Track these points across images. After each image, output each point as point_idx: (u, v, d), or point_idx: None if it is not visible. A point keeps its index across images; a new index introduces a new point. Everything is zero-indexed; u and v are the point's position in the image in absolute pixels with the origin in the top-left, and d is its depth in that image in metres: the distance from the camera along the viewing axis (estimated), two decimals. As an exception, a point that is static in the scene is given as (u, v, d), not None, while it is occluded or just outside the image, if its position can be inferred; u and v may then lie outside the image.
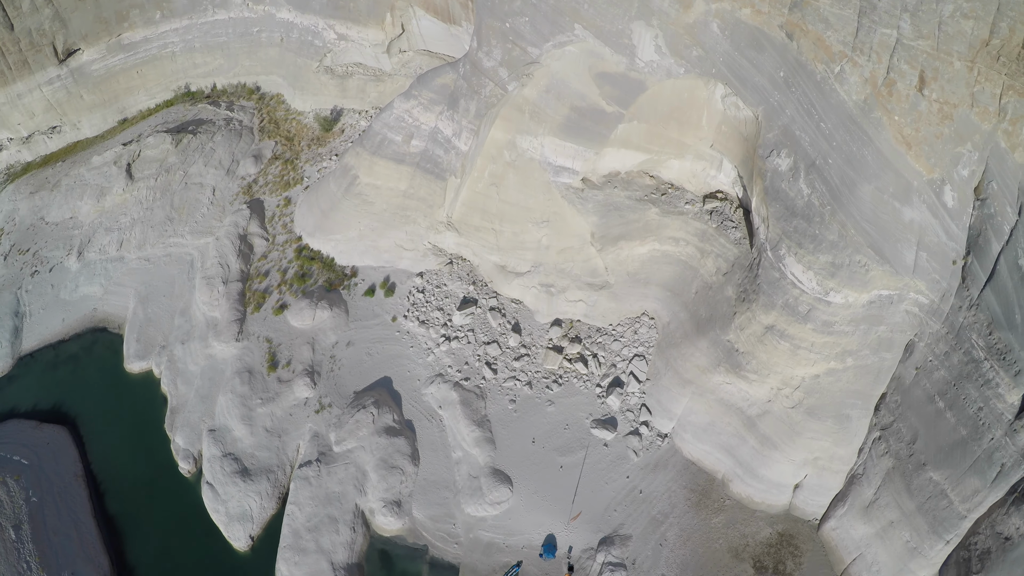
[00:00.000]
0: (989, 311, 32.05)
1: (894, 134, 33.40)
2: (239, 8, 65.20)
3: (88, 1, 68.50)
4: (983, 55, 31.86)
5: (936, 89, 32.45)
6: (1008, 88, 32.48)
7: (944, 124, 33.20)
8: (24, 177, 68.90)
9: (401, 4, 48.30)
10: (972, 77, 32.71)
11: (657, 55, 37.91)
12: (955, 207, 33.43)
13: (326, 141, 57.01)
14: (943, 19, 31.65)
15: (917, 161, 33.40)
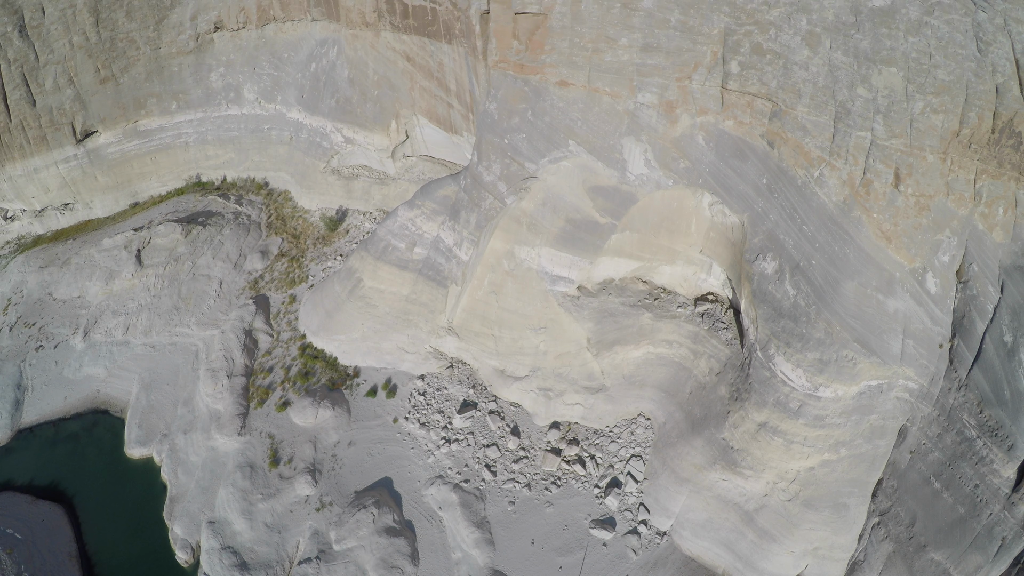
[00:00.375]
0: (978, 390, 33.40)
1: (874, 230, 35.47)
2: (251, 105, 67.74)
3: (108, 86, 71.06)
4: (955, 145, 34.12)
5: (912, 184, 34.64)
6: (981, 172, 34.67)
7: (922, 215, 35.19)
8: (34, 250, 70.23)
9: (405, 112, 50.74)
10: (946, 167, 34.91)
11: (647, 168, 40.03)
12: (938, 293, 35.15)
13: (331, 241, 58.58)
14: (914, 117, 34.04)
15: (898, 253, 35.40)
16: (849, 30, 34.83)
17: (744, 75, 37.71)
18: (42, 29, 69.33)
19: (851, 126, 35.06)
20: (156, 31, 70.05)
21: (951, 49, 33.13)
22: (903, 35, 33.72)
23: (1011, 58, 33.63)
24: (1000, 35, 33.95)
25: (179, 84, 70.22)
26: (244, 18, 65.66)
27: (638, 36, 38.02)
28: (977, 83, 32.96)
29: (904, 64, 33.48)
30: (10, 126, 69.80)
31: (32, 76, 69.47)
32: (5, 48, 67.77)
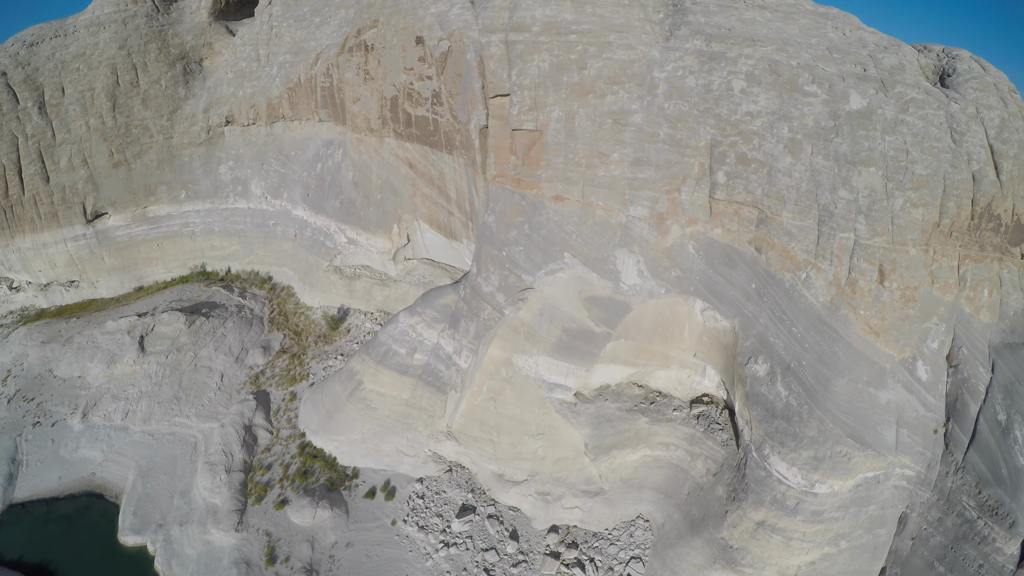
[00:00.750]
0: (976, 471, 33.76)
1: (862, 327, 36.08)
2: (258, 200, 69.56)
3: (121, 171, 73.23)
4: (936, 235, 35.06)
5: (896, 278, 35.47)
6: (964, 258, 35.50)
7: (908, 306, 35.89)
8: (37, 323, 70.78)
9: (407, 217, 52.26)
10: (929, 257, 35.76)
11: (640, 279, 41.04)
12: (929, 379, 35.75)
13: (332, 340, 59.09)
14: (895, 213, 35.08)
15: (887, 345, 35.95)
16: (829, 134, 36.37)
17: (730, 184, 39.13)
18: (61, 108, 72.12)
19: (835, 228, 36.19)
20: (170, 120, 72.75)
21: (927, 143, 34.68)
22: (880, 135, 35.21)
23: (985, 144, 35.26)
24: (973, 123, 35.65)
25: (189, 174, 72.32)
26: (254, 114, 68.13)
27: (629, 151, 39.68)
28: (954, 173, 34.45)
29: (883, 163, 34.88)
30: (23, 199, 71.75)
31: (48, 153, 71.85)
32: (24, 123, 70.44)
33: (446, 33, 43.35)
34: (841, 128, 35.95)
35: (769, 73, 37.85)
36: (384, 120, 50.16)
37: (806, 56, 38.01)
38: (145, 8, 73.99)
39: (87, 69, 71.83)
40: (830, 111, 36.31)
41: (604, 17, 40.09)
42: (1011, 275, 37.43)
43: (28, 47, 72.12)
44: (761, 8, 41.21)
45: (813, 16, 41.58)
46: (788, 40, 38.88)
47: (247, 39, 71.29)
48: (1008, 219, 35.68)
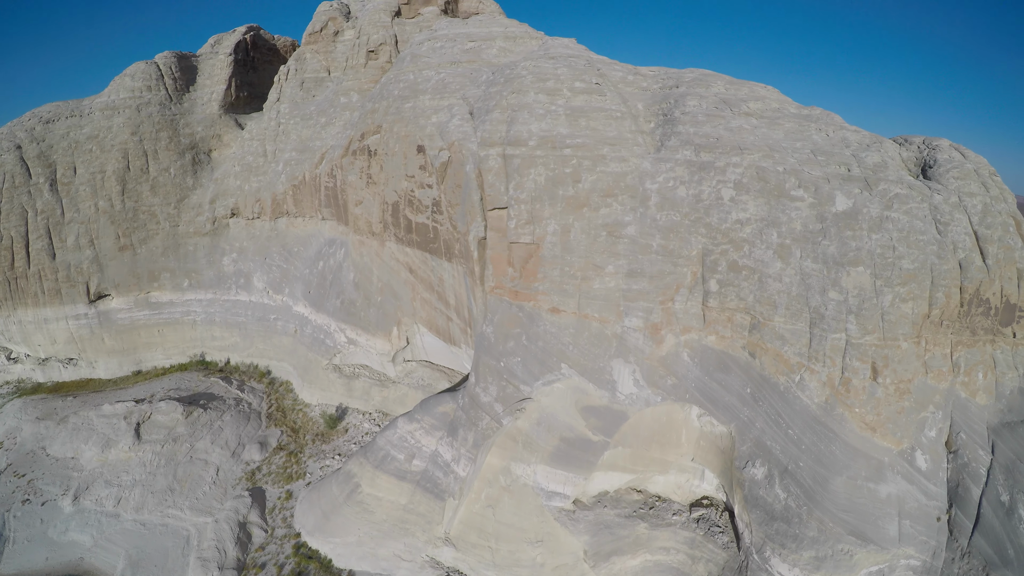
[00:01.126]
0: (982, 554, 32.94)
1: (858, 424, 35.91)
2: (260, 294, 70.13)
3: (126, 254, 74.33)
4: (927, 327, 35.28)
5: (889, 374, 35.49)
6: (957, 344, 35.65)
7: (903, 399, 35.79)
8: (33, 397, 70.18)
9: (407, 320, 53.08)
10: (921, 349, 35.87)
11: (636, 388, 41.36)
12: (929, 468, 35.25)
13: (330, 438, 58.81)
14: (885, 310, 35.35)
15: (884, 439, 35.66)
16: (816, 237, 37.15)
17: (723, 292, 39.87)
18: (71, 187, 73.81)
19: (826, 330, 36.57)
20: (177, 209, 74.45)
21: (912, 237, 35.31)
22: (867, 233, 35.90)
23: (969, 231, 35.87)
24: (956, 212, 36.37)
25: (193, 263, 73.46)
26: (259, 209, 69.82)
27: (623, 263, 40.67)
28: (941, 264, 34.93)
29: (870, 261, 35.47)
30: (28, 272, 72.62)
31: (56, 230, 73.10)
32: (35, 198, 71.94)
33: (446, 143, 45.10)
34: (828, 230, 36.85)
35: (757, 180, 39.07)
36: (386, 224, 51.52)
37: (792, 161, 39.23)
38: (159, 96, 76.81)
39: (100, 151, 74.00)
40: (817, 214, 37.31)
41: (597, 130, 41.75)
42: (1004, 355, 37.60)
43: (44, 124, 74.62)
44: (747, 115, 42.74)
45: (797, 120, 42.90)
46: (774, 146, 40.15)
47: (255, 134, 73.72)
48: (997, 301, 36.12)
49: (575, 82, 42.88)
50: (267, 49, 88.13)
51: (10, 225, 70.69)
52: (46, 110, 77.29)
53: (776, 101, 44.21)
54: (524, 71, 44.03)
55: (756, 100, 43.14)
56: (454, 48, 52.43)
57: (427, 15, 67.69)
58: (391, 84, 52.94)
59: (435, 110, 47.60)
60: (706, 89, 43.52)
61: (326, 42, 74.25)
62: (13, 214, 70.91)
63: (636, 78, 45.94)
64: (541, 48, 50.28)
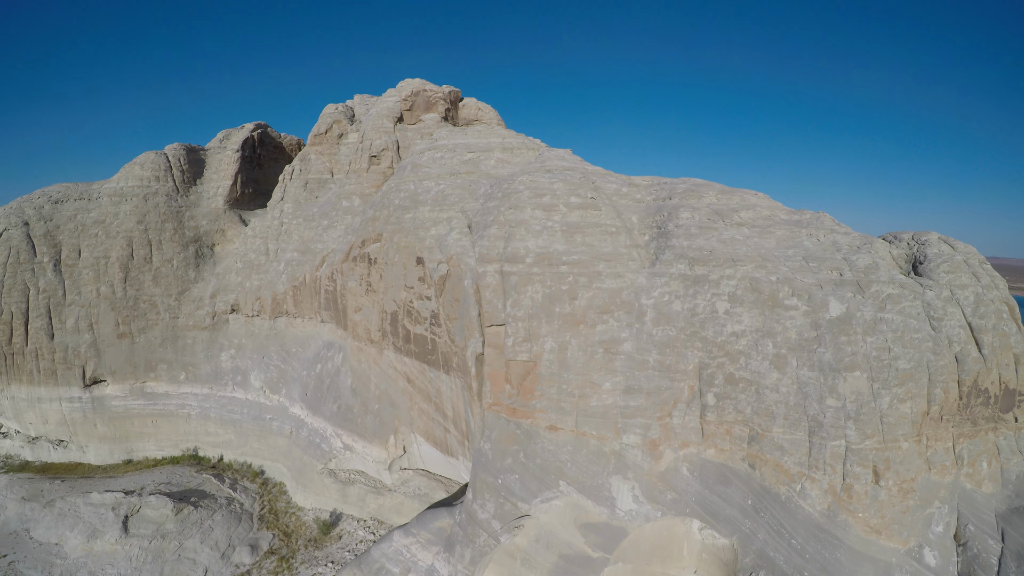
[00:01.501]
0: None
1: (862, 528, 34.77)
2: (256, 392, 69.57)
3: (125, 342, 74.23)
4: (927, 424, 34.46)
5: (891, 476, 34.60)
6: (959, 436, 34.71)
7: (907, 498, 34.67)
8: (20, 476, 69.04)
9: (404, 429, 52.71)
10: (922, 446, 34.95)
11: (635, 504, 40.53)
12: (939, 564, 33.81)
13: (323, 545, 57.30)
14: (883, 412, 34.64)
15: (890, 541, 34.41)
16: (812, 345, 36.99)
17: (720, 405, 39.61)
18: (75, 270, 74.40)
19: (825, 437, 36.09)
20: (177, 300, 74.95)
21: (907, 336, 35.18)
22: (861, 337, 35.74)
23: (964, 324, 35.72)
24: (949, 306, 36.31)
25: (191, 356, 73.34)
26: (259, 307, 70.34)
27: (620, 379, 40.62)
28: (937, 360, 34.66)
29: (866, 365, 35.20)
30: (25, 350, 72.42)
31: (56, 311, 73.22)
32: (38, 276, 72.36)
33: (445, 257, 45.91)
34: (823, 337, 36.83)
35: (751, 291, 39.44)
36: (384, 333, 51.80)
37: (784, 269, 39.63)
38: (167, 187, 78.66)
39: (105, 236, 75.16)
40: (811, 322, 37.42)
41: (593, 246, 42.53)
42: (1008, 441, 37.08)
43: (53, 203, 76.09)
44: (739, 225, 43.51)
45: (788, 226, 43.57)
46: (766, 255, 40.68)
47: (258, 231, 75.09)
48: (996, 389, 35.88)
49: (571, 197, 44.03)
50: (273, 147, 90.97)
51: (11, 301, 71.25)
52: (56, 190, 79.10)
53: (767, 208, 45.20)
54: (521, 186, 45.28)
55: (747, 209, 44.14)
56: (453, 159, 54.14)
57: (428, 121, 70.24)
58: (392, 193, 54.34)
59: (434, 222, 48.66)
60: (698, 200, 44.62)
61: (330, 144, 76.79)
62: (15, 290, 71.54)
63: (630, 190, 47.20)
64: (538, 160, 51.91)
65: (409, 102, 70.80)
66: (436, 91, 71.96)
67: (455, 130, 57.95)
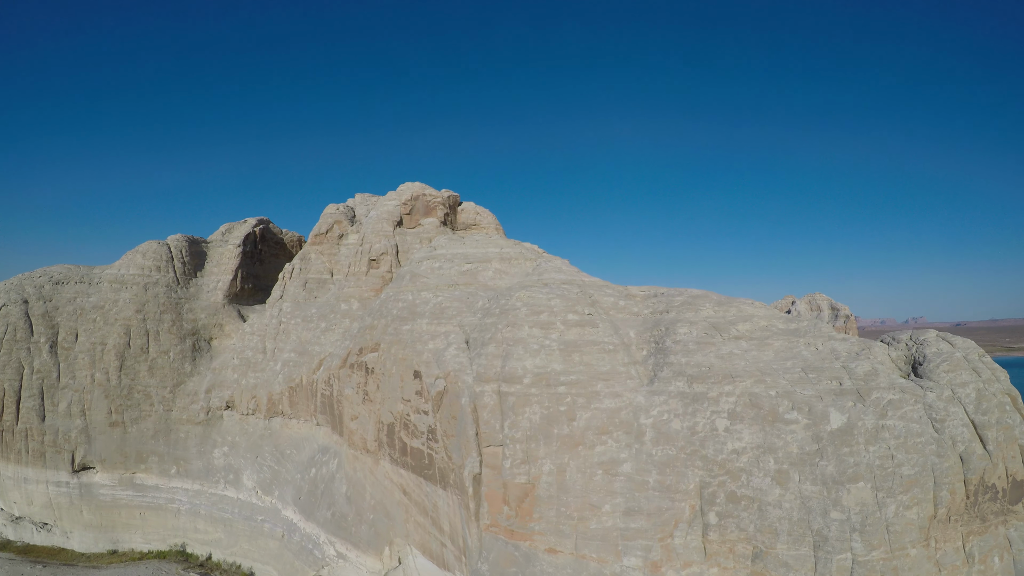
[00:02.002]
0: None
1: None
2: (249, 492, 68.30)
3: (116, 431, 73.55)
4: (934, 527, 33.58)
5: None
6: (968, 535, 33.77)
7: None
8: (1, 555, 68.10)
9: (399, 541, 51.83)
10: (931, 551, 34.00)
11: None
12: None
13: None
14: (889, 521, 33.83)
15: None
16: (813, 459, 36.57)
17: (722, 524, 39.10)
18: (71, 354, 74.35)
19: (830, 551, 35.37)
20: (172, 393, 74.71)
21: (910, 441, 34.79)
22: (864, 447, 35.37)
23: (967, 422, 35.40)
24: (951, 406, 36.01)
25: (183, 451, 72.49)
26: (255, 405, 70.17)
27: (620, 501, 40.33)
28: (941, 463, 34.19)
29: (870, 475, 34.77)
30: (15, 429, 72.00)
31: (49, 393, 72.85)
32: (33, 356, 72.19)
33: (442, 372, 46.31)
34: (825, 450, 36.61)
35: (750, 407, 39.60)
36: (380, 443, 51.61)
37: (784, 383, 39.80)
38: (167, 278, 79.69)
39: (103, 323, 75.56)
40: (812, 435, 37.25)
41: (591, 365, 43.07)
42: (1019, 532, 36.16)
43: (53, 284, 76.84)
44: (737, 339, 44.04)
45: (785, 336, 44.00)
46: (765, 369, 40.94)
47: (256, 328, 75.64)
48: (1003, 484, 35.41)
49: (568, 314, 44.97)
50: (275, 243, 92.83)
51: (4, 377, 71.47)
52: (57, 270, 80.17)
53: (764, 318, 45.99)
54: (518, 302, 46.28)
55: (744, 321, 44.94)
56: (452, 269, 55.44)
57: (427, 226, 72.31)
58: (390, 302, 55.29)
59: (432, 336, 49.37)
60: (695, 313, 45.53)
61: (331, 244, 78.59)
62: (9, 367, 71.63)
63: (627, 302, 48.24)
64: (535, 271, 53.31)
65: (409, 206, 73.03)
66: (435, 196, 74.37)
67: (453, 239, 59.60)
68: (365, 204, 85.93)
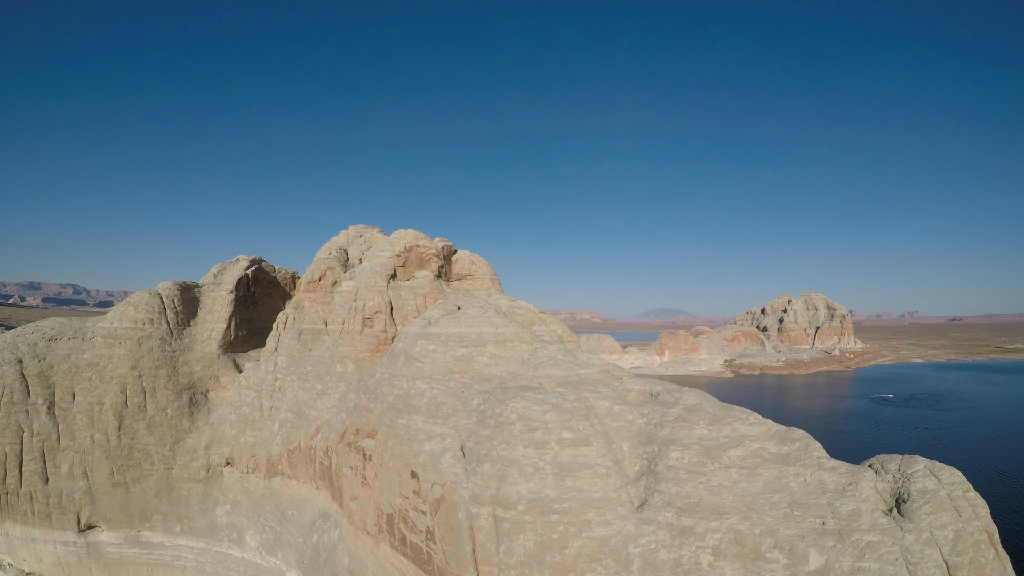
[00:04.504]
0: None
1: None
2: (253, 552, 69.25)
3: (119, 491, 74.18)
4: None
5: None
6: None
7: None
8: None
9: None
10: None
11: None
12: None
13: None
14: None
15: None
16: None
17: None
18: (69, 414, 74.35)
19: None
20: (172, 451, 75.02)
21: None
22: None
23: (941, 563, 36.05)
24: (928, 548, 36.67)
25: (185, 509, 73.19)
26: (254, 464, 70.45)
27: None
28: None
29: None
30: (19, 491, 72.28)
31: (50, 455, 73.09)
32: (32, 418, 72.36)
33: (439, 479, 46.51)
34: None
35: (734, 544, 40.04)
36: (380, 528, 52.13)
37: (769, 520, 40.32)
38: (160, 331, 79.11)
39: (99, 381, 75.29)
40: (791, 574, 37.81)
41: (584, 491, 43.23)
42: None
43: (47, 340, 76.25)
44: (728, 468, 44.23)
45: (776, 463, 44.20)
46: (752, 504, 41.39)
47: (252, 382, 75.35)
48: None
49: (563, 432, 44.88)
50: (268, 283, 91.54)
51: (5, 441, 71.47)
52: (50, 326, 79.39)
53: (757, 439, 45.87)
54: (513, 414, 46.16)
55: (736, 446, 44.88)
56: (446, 355, 54.96)
57: (421, 280, 71.18)
58: (385, 386, 55.06)
59: (428, 436, 49.38)
60: (689, 432, 45.46)
61: (324, 292, 77.51)
62: (9, 430, 71.66)
63: (622, 409, 48.10)
64: (531, 359, 53.03)
65: (403, 258, 71.81)
66: (429, 247, 73.00)
67: (448, 318, 58.67)
68: (360, 240, 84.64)
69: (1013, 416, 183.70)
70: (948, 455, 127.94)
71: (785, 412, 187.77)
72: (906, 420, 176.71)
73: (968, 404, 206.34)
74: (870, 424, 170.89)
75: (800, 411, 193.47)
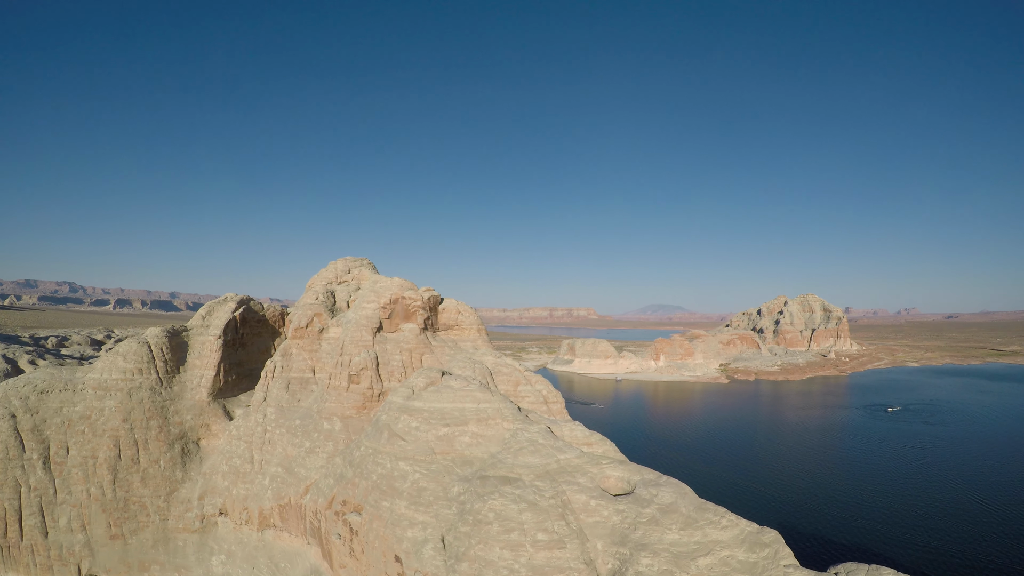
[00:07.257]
0: None
1: None
2: None
3: (117, 543, 75.48)
4: None
5: None
6: None
7: None
8: None
9: None
10: None
11: None
12: None
13: None
14: None
15: None
16: None
17: None
18: (64, 468, 75.34)
19: None
20: (166, 502, 76.15)
21: None
22: None
23: None
24: None
25: (182, 559, 74.55)
26: (247, 516, 71.57)
27: None
28: None
29: None
30: (20, 544, 73.62)
31: (48, 509, 74.34)
32: (28, 473, 73.33)
33: (422, 569, 47.36)
34: None
35: None
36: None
37: None
38: (150, 381, 79.52)
39: (92, 435, 76.03)
40: None
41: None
42: None
43: (38, 394, 76.80)
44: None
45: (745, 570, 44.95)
46: None
47: (242, 433, 76.03)
48: None
49: (538, 533, 45.54)
50: (256, 322, 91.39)
51: (3, 496, 72.36)
52: (40, 378, 79.76)
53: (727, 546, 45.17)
54: (491, 513, 46.82)
55: (706, 553, 45.15)
56: (429, 434, 55.45)
57: (407, 332, 71.20)
58: (369, 463, 55.74)
59: (411, 523, 50.19)
60: (661, 536, 45.69)
61: (311, 339, 77.56)
62: (7, 486, 72.54)
63: (599, 504, 48.66)
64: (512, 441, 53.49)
65: (388, 310, 71.73)
66: (415, 299, 72.83)
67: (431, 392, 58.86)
68: (348, 277, 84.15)
69: (1005, 431, 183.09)
70: (937, 481, 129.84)
71: (779, 427, 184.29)
72: (899, 436, 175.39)
73: (962, 417, 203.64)
74: (862, 440, 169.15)
75: (794, 425, 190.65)
